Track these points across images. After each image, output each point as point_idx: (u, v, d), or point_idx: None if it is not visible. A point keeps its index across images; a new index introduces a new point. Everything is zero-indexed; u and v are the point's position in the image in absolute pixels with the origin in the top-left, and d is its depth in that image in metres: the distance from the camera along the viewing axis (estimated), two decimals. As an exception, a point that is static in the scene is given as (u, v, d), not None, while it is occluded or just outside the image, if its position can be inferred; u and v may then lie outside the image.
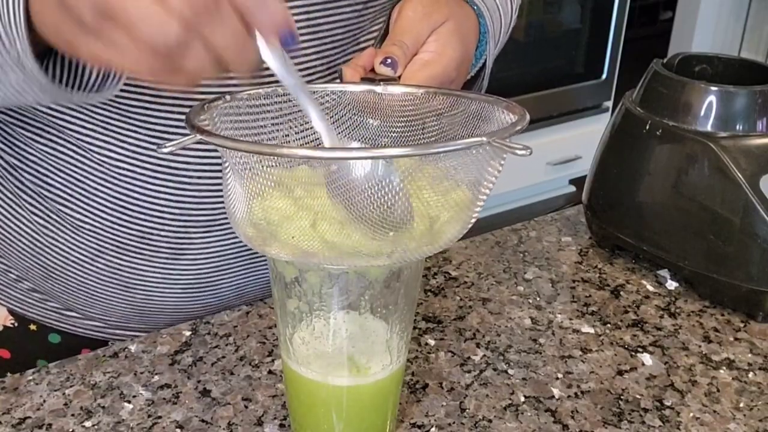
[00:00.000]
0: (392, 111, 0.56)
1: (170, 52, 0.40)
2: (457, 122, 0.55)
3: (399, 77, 0.59)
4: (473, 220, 0.49)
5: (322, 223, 0.46)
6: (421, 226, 0.46)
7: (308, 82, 0.65)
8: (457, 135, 0.54)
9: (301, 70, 0.64)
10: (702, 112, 0.71)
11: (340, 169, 0.46)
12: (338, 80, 0.61)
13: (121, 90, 0.61)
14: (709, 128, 0.71)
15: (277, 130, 0.55)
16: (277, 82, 0.49)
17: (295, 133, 0.55)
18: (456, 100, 0.55)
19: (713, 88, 0.71)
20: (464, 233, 0.50)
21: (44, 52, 0.49)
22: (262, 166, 0.45)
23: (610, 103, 2.53)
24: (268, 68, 0.44)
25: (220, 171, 0.64)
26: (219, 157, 0.64)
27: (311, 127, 0.49)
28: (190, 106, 0.61)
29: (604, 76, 2.48)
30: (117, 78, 0.51)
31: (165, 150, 0.44)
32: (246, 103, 0.52)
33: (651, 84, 0.76)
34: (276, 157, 0.45)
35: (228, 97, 0.51)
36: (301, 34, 0.63)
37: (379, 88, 0.56)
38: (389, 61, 0.58)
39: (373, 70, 0.59)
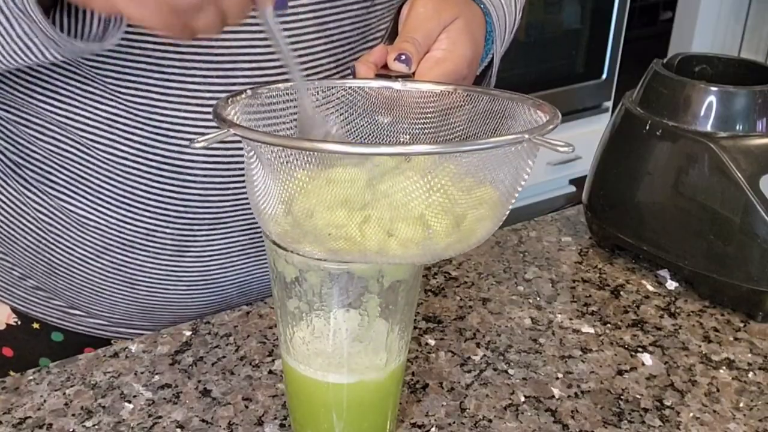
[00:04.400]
0: (411, 107, 0.56)
1: (188, 11, 0.45)
2: (476, 119, 0.54)
3: (413, 74, 0.58)
4: (504, 218, 0.49)
5: (363, 221, 0.45)
6: (447, 224, 0.46)
7: (318, 79, 0.65)
8: (478, 132, 0.54)
9: (309, 67, 0.64)
10: (702, 112, 0.71)
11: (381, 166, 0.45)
12: (351, 77, 0.60)
13: (127, 87, 0.61)
14: (709, 128, 0.71)
15: (296, 126, 0.54)
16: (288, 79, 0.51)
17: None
18: (478, 96, 0.55)
19: (713, 88, 0.71)
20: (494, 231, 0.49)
21: (49, 5, 0.50)
22: (300, 162, 0.45)
23: (610, 103, 2.53)
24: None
25: (226, 169, 0.65)
26: (225, 155, 0.64)
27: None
28: (196, 104, 0.61)
29: (604, 76, 2.48)
30: (118, 26, 0.52)
31: (197, 146, 0.45)
32: (266, 99, 0.52)
33: (651, 84, 0.76)
34: (314, 153, 0.44)
35: (249, 92, 0.51)
36: (309, 32, 0.63)
37: (397, 85, 0.56)
38: (403, 57, 0.57)
39: (385, 66, 0.58)
